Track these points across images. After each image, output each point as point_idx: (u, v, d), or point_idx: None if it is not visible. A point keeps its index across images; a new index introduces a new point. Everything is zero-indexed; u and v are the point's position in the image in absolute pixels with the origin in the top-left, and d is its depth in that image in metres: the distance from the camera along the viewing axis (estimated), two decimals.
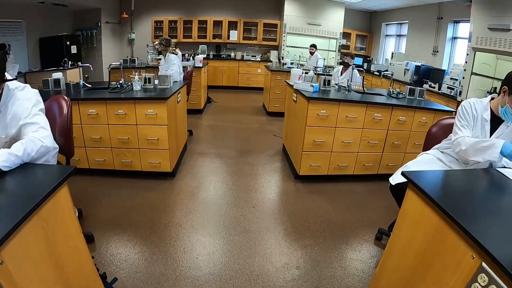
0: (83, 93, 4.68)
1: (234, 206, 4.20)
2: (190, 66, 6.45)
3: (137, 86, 4.71)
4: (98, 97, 4.37)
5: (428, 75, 8.89)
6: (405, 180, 2.08)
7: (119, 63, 6.37)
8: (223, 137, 6.88)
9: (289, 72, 8.29)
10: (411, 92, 5.46)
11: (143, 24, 12.75)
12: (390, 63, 10.56)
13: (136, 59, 9.46)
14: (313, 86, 4.84)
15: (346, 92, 5.17)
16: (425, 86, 8.34)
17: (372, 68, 11.49)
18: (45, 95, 2.60)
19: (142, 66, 8.86)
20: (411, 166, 2.83)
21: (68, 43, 10.17)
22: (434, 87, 8.19)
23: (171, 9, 12.66)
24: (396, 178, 2.83)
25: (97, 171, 4.71)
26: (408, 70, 9.29)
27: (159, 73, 5.17)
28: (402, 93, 5.51)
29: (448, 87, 7.65)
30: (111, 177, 4.73)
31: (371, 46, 13.71)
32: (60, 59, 9.25)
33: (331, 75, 6.72)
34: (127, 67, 8.76)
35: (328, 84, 5.37)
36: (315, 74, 7.73)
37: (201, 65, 8.39)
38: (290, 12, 12.10)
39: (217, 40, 12.88)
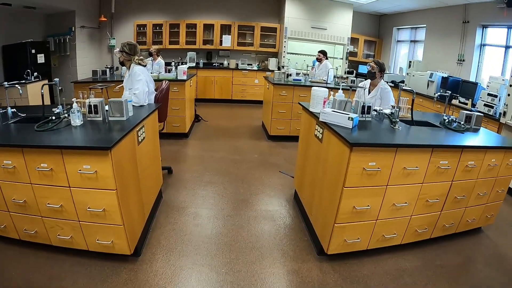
0: (2, 128, 3.10)
1: None
2: (165, 82, 4.81)
3: (76, 120, 3.09)
4: (9, 143, 2.75)
5: (456, 88, 7.48)
6: None
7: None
8: (212, 178, 5.24)
9: (296, 86, 7.01)
10: (467, 119, 3.94)
11: (125, 29, 11.39)
12: (407, 73, 9.20)
13: (109, 69, 7.94)
14: (352, 119, 3.20)
15: (396, 126, 3.54)
16: (454, 101, 7.03)
17: (385, 78, 9.97)
18: None
19: (115, 79, 7.26)
20: None
21: (33, 51, 8.83)
22: (465, 104, 6.84)
23: (156, 11, 11.28)
24: None
25: (31, 244, 3.21)
26: (433, 82, 7.96)
27: (123, 95, 3.51)
28: (459, 122, 3.96)
29: (485, 105, 6.23)
30: (52, 253, 3.20)
31: (380, 53, 12.45)
32: (25, 70, 7.95)
33: (350, 89, 5.22)
34: (97, 79, 7.22)
35: (368, 112, 3.73)
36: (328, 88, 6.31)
37: (184, 77, 6.76)
38: (292, 14, 10.73)
39: (208, 46, 11.44)
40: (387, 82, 5.59)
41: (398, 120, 3.54)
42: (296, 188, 4.55)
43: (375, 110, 3.89)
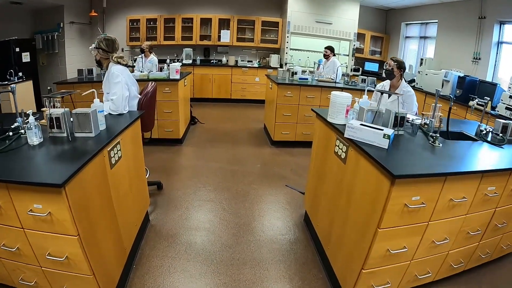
0: None
1: None
2: (151, 84, 4.08)
3: (32, 137, 2.41)
4: None
5: (473, 89, 6.81)
6: None
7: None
8: (209, 194, 4.55)
9: (302, 86, 6.30)
10: (503, 130, 3.24)
11: (117, 24, 10.68)
12: (418, 72, 8.53)
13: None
14: (389, 136, 2.48)
15: (436, 143, 2.81)
16: (471, 103, 6.31)
17: (384, 74, 9.42)
18: None
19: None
20: None
21: (17, 49, 8.17)
22: (483, 105, 6.06)
23: (149, 5, 10.57)
24: None
25: None
26: (448, 82, 7.25)
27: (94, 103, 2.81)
28: (496, 133, 3.26)
29: (506, 108, 5.63)
30: None
31: (387, 49, 11.71)
32: (8, 70, 7.34)
33: (368, 91, 4.53)
34: (83, 80, 6.54)
35: (401, 125, 3.01)
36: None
37: (177, 76, 6.07)
38: (295, 7, 9.98)
39: (205, 42, 10.71)
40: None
41: (438, 135, 2.83)
42: (307, 209, 3.87)
43: (407, 121, 3.18)
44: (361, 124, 2.61)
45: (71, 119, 2.57)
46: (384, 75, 4.51)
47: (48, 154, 2.32)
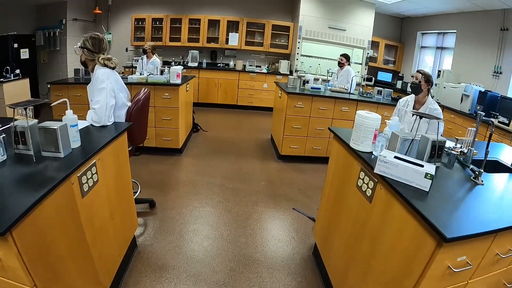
0: None
1: None
2: (143, 90, 3.58)
3: None
4: None
5: (494, 105, 6.36)
6: None
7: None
8: (206, 217, 4.05)
9: (315, 96, 5.77)
10: None
11: (122, 23, 10.33)
12: (435, 84, 7.95)
13: None
14: (432, 176, 1.94)
15: (479, 180, 2.24)
16: (493, 120, 5.84)
17: (409, 88, 8.89)
18: None
19: None
20: None
21: (15, 45, 7.87)
22: (506, 124, 5.76)
23: (156, 4, 10.18)
24: None
25: None
26: (468, 96, 6.75)
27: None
28: None
29: None
30: None
31: (402, 59, 11.20)
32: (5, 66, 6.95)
33: (396, 110, 4.05)
34: (79, 80, 6.10)
35: (440, 156, 2.45)
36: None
37: (178, 81, 5.58)
38: (307, 12, 9.48)
39: (212, 45, 10.24)
40: (409, 92, 4.44)
41: (481, 170, 2.31)
42: (317, 242, 3.35)
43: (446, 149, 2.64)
44: (395, 157, 2.10)
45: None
46: (409, 89, 4.02)
47: (4, 178, 1.84)
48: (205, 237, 3.62)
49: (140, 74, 5.88)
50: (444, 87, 7.49)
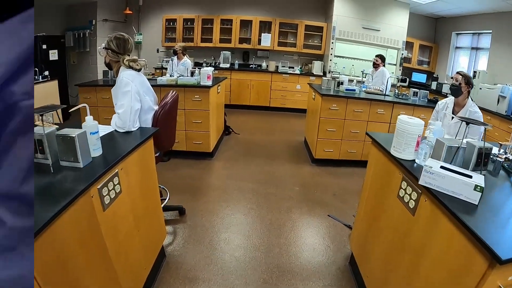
0: None
1: None
2: (171, 92, 3.41)
3: None
4: None
5: None
6: None
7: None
8: (238, 224, 3.84)
9: (350, 98, 5.45)
10: None
11: (153, 23, 10.36)
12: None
13: None
14: (482, 189, 1.69)
15: None
16: None
17: (444, 89, 8.75)
18: None
19: None
20: None
21: (44, 46, 7.83)
22: None
23: (187, 4, 10.11)
24: None
25: None
26: (505, 97, 6.39)
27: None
28: None
29: None
30: None
31: (436, 59, 10.71)
32: (34, 68, 6.76)
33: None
34: (108, 82, 6.03)
35: (486, 164, 2.20)
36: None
37: (209, 82, 5.42)
38: (341, 12, 9.19)
39: (244, 46, 10.08)
40: (447, 95, 4.10)
41: None
42: (354, 251, 3.09)
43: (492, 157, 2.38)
44: (442, 167, 1.86)
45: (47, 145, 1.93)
46: (449, 91, 3.76)
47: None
48: (237, 247, 3.42)
49: (170, 76, 5.75)
50: (480, 88, 7.14)
